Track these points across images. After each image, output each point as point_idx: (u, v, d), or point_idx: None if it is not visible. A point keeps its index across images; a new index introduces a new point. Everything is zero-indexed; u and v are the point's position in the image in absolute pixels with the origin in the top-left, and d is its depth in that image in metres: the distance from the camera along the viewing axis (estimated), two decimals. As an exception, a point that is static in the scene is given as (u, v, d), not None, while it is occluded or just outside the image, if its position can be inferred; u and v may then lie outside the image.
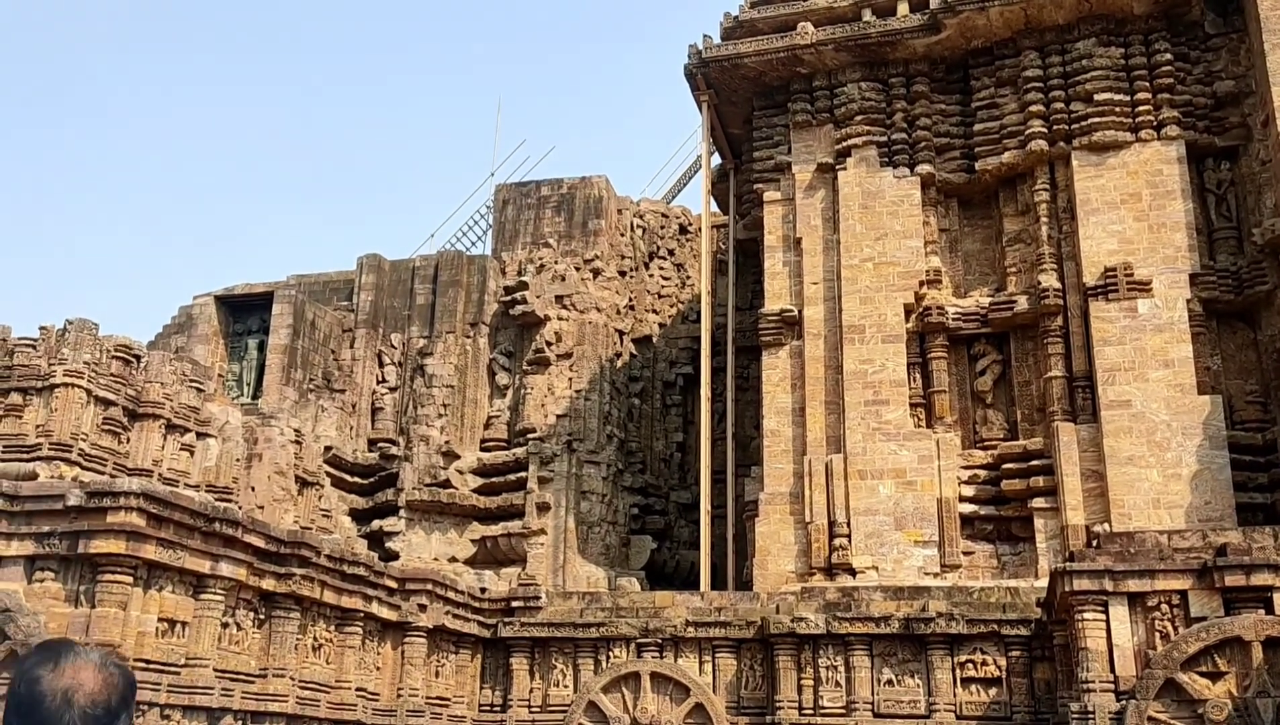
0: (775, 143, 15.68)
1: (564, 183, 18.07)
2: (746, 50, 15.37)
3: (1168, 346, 12.92)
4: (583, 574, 15.85)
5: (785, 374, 14.60)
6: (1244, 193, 13.70)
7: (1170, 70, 13.96)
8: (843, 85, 15.27)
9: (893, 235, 14.49)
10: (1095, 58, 14.13)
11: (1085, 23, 14.30)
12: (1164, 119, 13.81)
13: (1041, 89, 14.34)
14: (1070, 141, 14.05)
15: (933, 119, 14.95)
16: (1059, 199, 14.16)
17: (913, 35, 14.82)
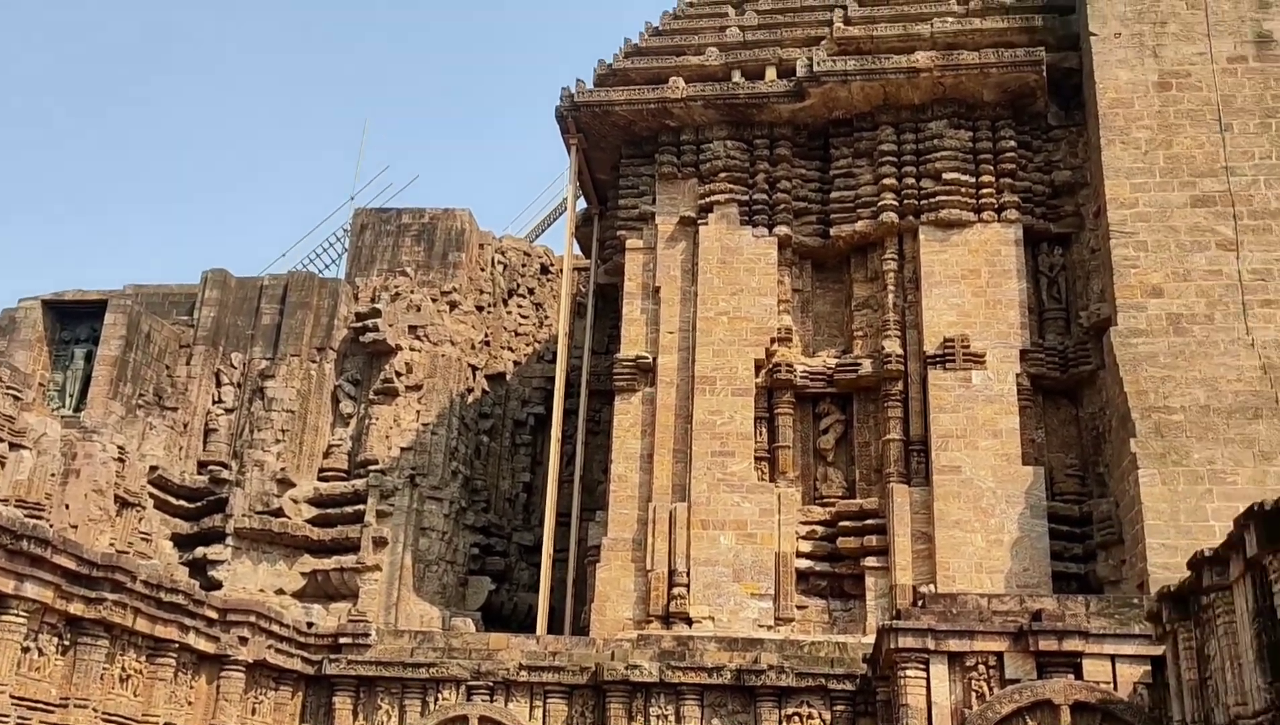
0: (641, 192, 15.91)
1: (426, 212, 17.87)
2: (618, 98, 15.61)
3: (997, 417, 13.59)
4: (416, 613, 15.50)
5: (636, 420, 14.71)
6: (1074, 277, 14.58)
7: (1014, 157, 14.81)
8: (709, 142, 15.63)
9: (748, 291, 14.85)
10: (946, 139, 14.89)
11: (939, 105, 15.06)
12: (1005, 202, 14.61)
13: (895, 164, 15.00)
14: (919, 216, 14.72)
15: (793, 183, 15.44)
16: (906, 269, 14.78)
17: (779, 100, 15.32)
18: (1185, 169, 13.51)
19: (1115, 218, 13.41)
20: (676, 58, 15.90)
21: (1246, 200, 13.23)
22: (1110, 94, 13.95)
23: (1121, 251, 13.25)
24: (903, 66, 14.78)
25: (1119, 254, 13.25)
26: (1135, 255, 13.20)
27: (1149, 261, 13.14)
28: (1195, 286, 12.96)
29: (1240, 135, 13.54)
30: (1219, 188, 13.37)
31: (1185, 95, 13.84)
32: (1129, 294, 13.06)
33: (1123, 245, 13.27)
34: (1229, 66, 13.85)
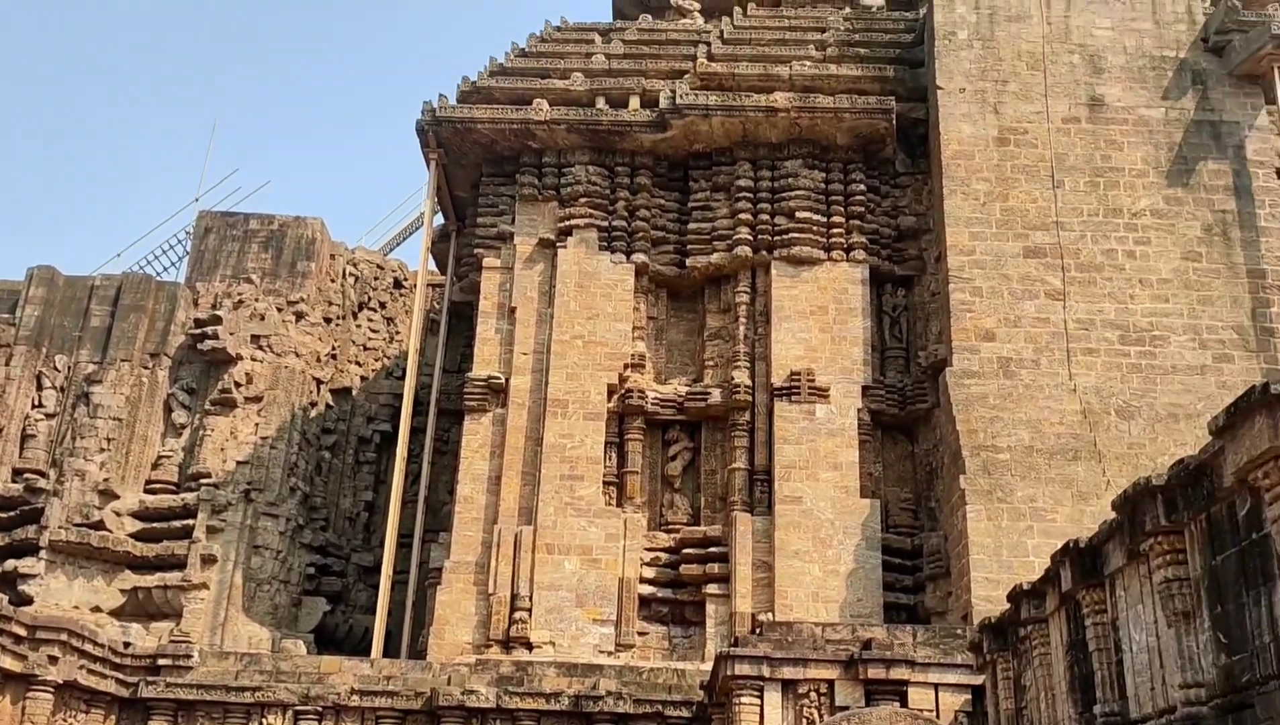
0: (500, 211, 15.79)
1: (276, 219, 17.30)
2: (481, 116, 15.49)
3: (838, 450, 13.96)
4: (245, 634, 14.85)
5: (486, 441, 14.51)
6: (915, 318, 15.14)
7: (863, 200, 15.32)
8: (571, 166, 15.66)
9: (604, 316, 14.89)
10: (800, 178, 15.29)
11: (795, 145, 15.48)
12: (853, 243, 15.09)
13: (751, 199, 15.32)
14: (772, 251, 15.05)
15: (652, 211, 15.59)
16: (757, 302, 15.09)
17: (641, 130, 15.48)
18: (1019, 221, 14.18)
19: (954, 264, 13.98)
20: (542, 80, 15.90)
21: (1074, 253, 13.97)
22: (953, 146, 14.57)
23: (959, 296, 13.82)
24: (762, 105, 15.13)
25: (956, 298, 13.82)
26: (971, 300, 13.78)
27: (984, 307, 13.73)
28: (1025, 332, 13.60)
29: (1071, 192, 14.30)
30: (1050, 241, 14.07)
31: (1022, 151, 14.56)
32: (964, 337, 13.61)
33: (960, 290, 13.84)
34: (1063, 126, 14.64)
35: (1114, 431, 12.86)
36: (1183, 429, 12.70)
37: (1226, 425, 5.62)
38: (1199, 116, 14.60)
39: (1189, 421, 12.64)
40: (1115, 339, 13.48)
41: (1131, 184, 14.33)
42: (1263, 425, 5.32)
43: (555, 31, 16.81)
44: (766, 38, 16.36)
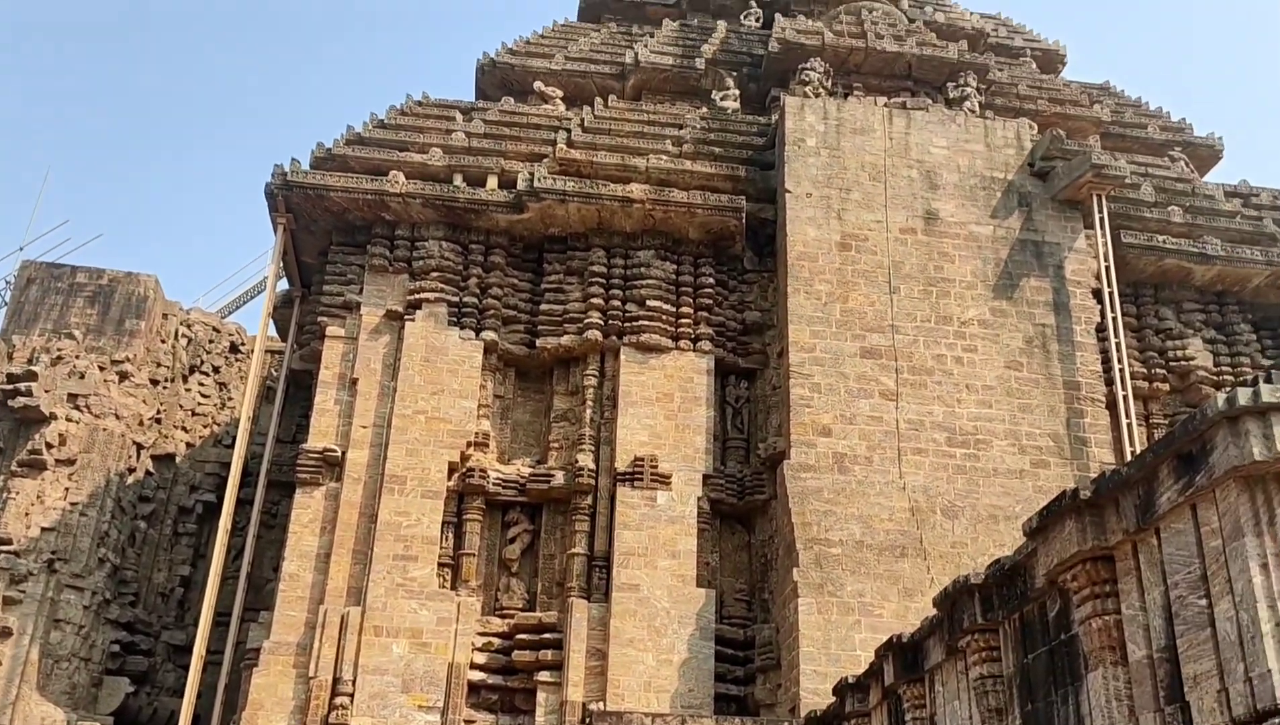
0: (348, 280, 15.51)
1: (105, 274, 16.52)
2: (335, 184, 15.27)
3: (677, 538, 14.00)
4: (38, 714, 13.72)
5: (317, 516, 13.98)
6: (756, 411, 15.46)
7: (711, 292, 15.69)
8: (425, 240, 15.54)
9: (449, 393, 14.68)
10: (652, 268, 15.58)
11: (648, 235, 15.81)
12: (701, 334, 15.39)
13: (604, 285, 15.51)
14: (621, 337, 15.20)
15: (504, 290, 15.59)
16: (605, 387, 15.16)
17: (498, 209, 15.54)
18: (858, 322, 14.76)
19: (795, 360, 14.40)
20: (399, 153, 15.83)
21: (908, 356, 14.59)
22: (799, 247, 15.13)
23: (799, 391, 14.21)
24: (618, 195, 15.42)
25: (796, 393, 14.19)
26: (810, 396, 14.19)
27: (821, 403, 14.16)
28: (859, 430, 14.06)
29: (906, 298, 14.99)
30: (885, 343, 14.68)
31: (863, 257, 15.22)
32: (802, 431, 13.97)
33: (800, 385, 14.24)
34: (901, 236, 15.40)
35: (939, 530, 13.35)
36: (1002, 530, 13.28)
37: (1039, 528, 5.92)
38: (1024, 236, 15.57)
39: (1008, 523, 13.24)
40: (943, 440, 14.05)
41: (961, 294, 15.13)
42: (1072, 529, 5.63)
43: (416, 106, 16.81)
44: (626, 129, 16.77)
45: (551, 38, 19.73)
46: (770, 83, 18.40)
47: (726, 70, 18.62)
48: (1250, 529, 4.76)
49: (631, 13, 21.13)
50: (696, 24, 20.33)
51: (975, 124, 16.29)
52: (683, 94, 18.63)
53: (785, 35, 18.04)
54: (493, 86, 18.59)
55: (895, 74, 18.11)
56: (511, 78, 18.56)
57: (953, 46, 18.21)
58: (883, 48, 17.90)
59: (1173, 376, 15.99)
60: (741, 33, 19.93)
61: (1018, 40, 20.85)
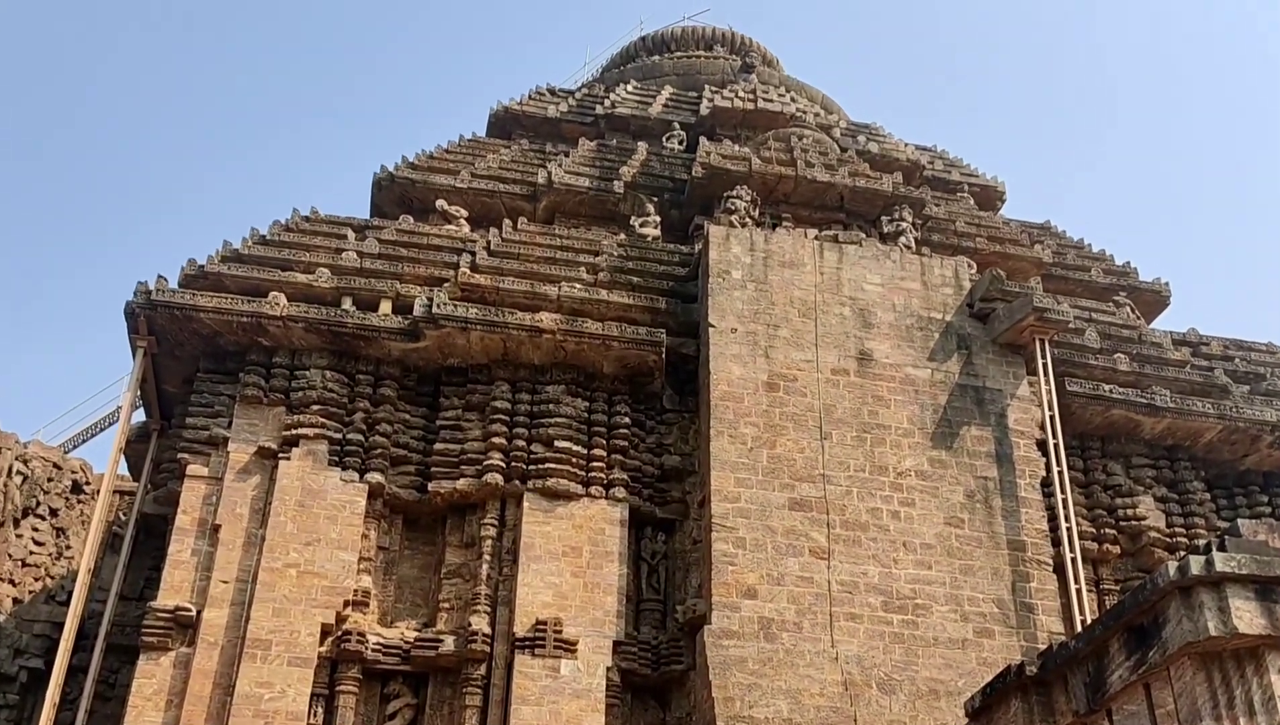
0: (216, 413, 15.18)
1: (-70, 400, 16.03)
2: (206, 305, 15.07)
3: (583, 714, 13.56)
4: None
5: (163, 687, 13.30)
6: (674, 568, 15.26)
7: (627, 434, 15.65)
8: (306, 369, 15.35)
9: (326, 543, 14.28)
10: (562, 405, 15.53)
11: (559, 369, 15.80)
12: (614, 479, 15.29)
13: (507, 422, 15.38)
14: (525, 481, 15.00)
15: (395, 427, 15.37)
16: (505, 538, 14.87)
17: (391, 337, 15.44)
18: (786, 471, 14.79)
19: (718, 511, 14.34)
20: (282, 272, 15.74)
21: (840, 509, 14.63)
22: (722, 386, 15.24)
23: (721, 547, 14.09)
24: (526, 324, 15.43)
25: (719, 549, 14.07)
26: (734, 552, 14.07)
27: (746, 560, 14.04)
28: (788, 592, 13.93)
29: (838, 445, 15.10)
30: (816, 494, 14.69)
31: (791, 399, 15.38)
32: (725, 593, 13.80)
33: (723, 540, 14.14)
34: (832, 377, 15.64)
35: (875, 706, 13.19)
36: (944, 707, 13.17)
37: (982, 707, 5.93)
38: (964, 381, 15.94)
39: (949, 699, 13.14)
40: (879, 604, 14.00)
41: (898, 442, 15.30)
42: (1018, 710, 5.64)
43: (303, 221, 16.82)
44: (536, 254, 16.92)
45: (457, 153, 20.02)
46: (693, 210, 18.80)
47: (647, 195, 19.03)
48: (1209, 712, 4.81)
49: (545, 130, 21.63)
50: (615, 145, 20.84)
51: (911, 261, 16.78)
52: (599, 219, 18.94)
53: (710, 160, 18.53)
54: (390, 203, 18.74)
55: (827, 205, 18.62)
56: (411, 195, 18.72)
57: (887, 178, 18.83)
58: (813, 176, 18.44)
59: (1123, 537, 16.25)
60: (663, 156, 20.49)
61: (955, 174, 21.67)
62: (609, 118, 21.87)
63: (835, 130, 21.57)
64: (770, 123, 21.38)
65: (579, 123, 21.85)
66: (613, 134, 21.56)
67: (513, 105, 21.94)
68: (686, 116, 22.25)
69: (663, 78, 24.83)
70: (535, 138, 21.48)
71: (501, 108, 21.94)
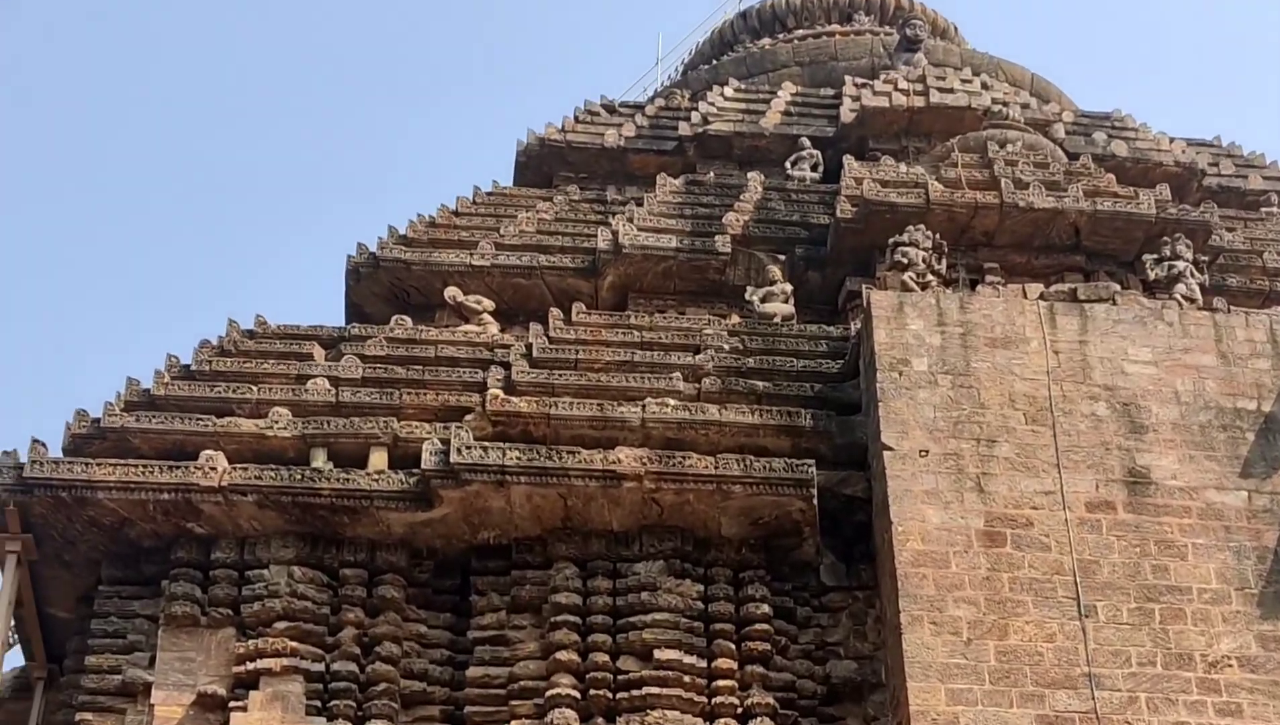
0: (129, 645, 14.75)
1: None
2: (106, 478, 14.67)
3: None
4: None
5: None
6: (872, 849, 14.63)
7: (767, 631, 14.75)
8: (263, 566, 14.91)
9: (311, 840, 13.97)
10: (661, 593, 14.74)
11: (651, 536, 15.10)
12: (754, 706, 14.37)
13: (578, 627, 14.69)
14: (613, 720, 14.30)
15: (404, 647, 14.78)
16: (593, 820, 14.36)
17: (389, 505, 14.92)
18: (1029, 674, 13.87)
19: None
20: (219, 419, 15.42)
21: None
22: (914, 545, 14.38)
23: (940, 811, 13.34)
24: (596, 468, 14.81)
25: (933, 814, 13.31)
26: (962, 819, 13.34)
27: (984, 833, 13.26)
28: None
29: (1108, 624, 14.18)
30: (1080, 707, 13.74)
31: (1026, 556, 14.49)
32: None
33: (942, 801, 13.36)
34: (1089, 517, 14.74)
35: None
36: None
37: None
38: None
39: None
40: None
41: (1204, 613, 14.38)
42: None
43: (246, 338, 16.62)
44: (604, 358, 16.56)
45: (472, 215, 20.10)
46: (843, 269, 18.65)
47: (768, 253, 18.82)
48: None
49: (602, 166, 21.79)
50: (713, 180, 20.85)
51: (1199, 320, 16.16)
52: (697, 295, 18.94)
53: (864, 191, 18.28)
54: (375, 300, 18.91)
55: (1054, 245, 18.36)
56: (407, 283, 18.78)
57: (1147, 195, 18.42)
58: (1029, 203, 18.09)
59: None
60: (789, 191, 20.34)
61: (1254, 180, 21.34)
62: (700, 139, 21.90)
63: (1056, 127, 21.42)
64: (951, 125, 21.34)
65: (654, 151, 21.97)
66: (707, 163, 21.57)
67: (552, 134, 22.08)
68: (821, 127, 22.25)
69: (779, 71, 25.06)
70: (590, 180, 21.57)
71: (535, 140, 22.13)
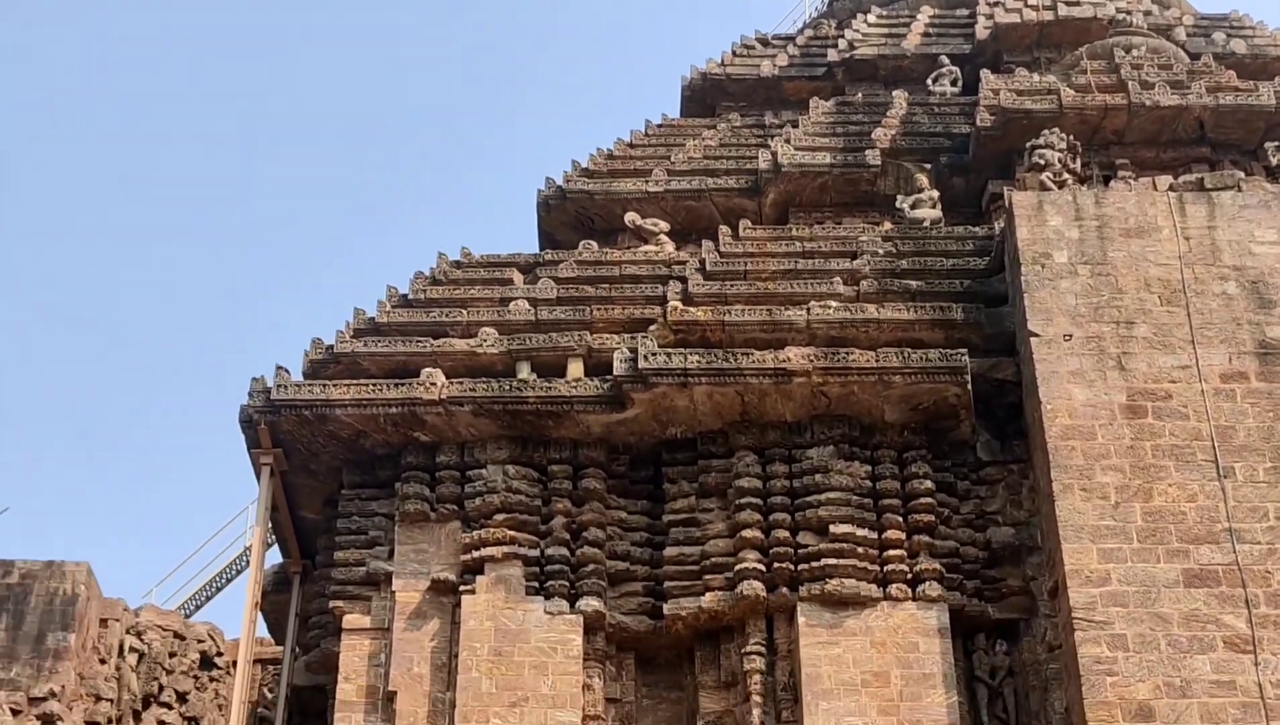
0: (371, 541, 15.69)
1: (15, 567, 17.23)
2: (341, 397, 15.60)
3: None
4: None
5: None
6: (1026, 687, 14.94)
7: (931, 504, 15.36)
8: (481, 467, 15.71)
9: (537, 701, 14.55)
10: (833, 474, 15.39)
11: (821, 424, 15.71)
12: (922, 571, 15.00)
13: (760, 507, 15.34)
14: (796, 588, 14.92)
15: (607, 532, 15.55)
16: (779, 670, 14.83)
17: (588, 408, 15.65)
18: (1173, 531, 14.25)
19: (1080, 600, 13.86)
20: (435, 341, 16.23)
21: (1263, 578, 13.95)
22: (1062, 419, 14.81)
23: (1091, 650, 13.61)
24: (768, 366, 15.37)
25: (1088, 654, 13.59)
26: (1111, 656, 13.56)
27: (1131, 667, 13.51)
28: (1200, 706, 13.32)
29: (1246, 483, 14.48)
30: (1222, 559, 14.09)
31: (1166, 425, 14.84)
32: (1106, 716, 13.28)
33: (1092, 641, 13.65)
34: (1224, 387, 15.03)
35: None
36: None
37: None
38: None
39: None
40: (1341, 710, 13.27)
41: None
42: None
43: (454, 268, 17.37)
44: (770, 268, 17.04)
45: (645, 146, 20.42)
46: (984, 174, 18.72)
47: (915, 163, 18.94)
48: None
49: (760, 94, 21.92)
50: (862, 100, 21.00)
51: None
52: (852, 206, 19.03)
53: (1000, 100, 18.38)
54: (564, 228, 19.25)
55: (1180, 139, 18.30)
56: (591, 211, 19.18)
57: (1266, 87, 18.33)
58: (1155, 102, 18.09)
59: None
60: (931, 105, 20.47)
61: None
62: (847, 64, 22.00)
63: (1178, 31, 21.12)
64: (1079, 36, 21.08)
65: (806, 77, 22.03)
66: (855, 85, 21.70)
67: (712, 68, 22.25)
68: (958, 45, 22.20)
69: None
70: (749, 107, 21.68)
71: (698, 75, 22.31)
